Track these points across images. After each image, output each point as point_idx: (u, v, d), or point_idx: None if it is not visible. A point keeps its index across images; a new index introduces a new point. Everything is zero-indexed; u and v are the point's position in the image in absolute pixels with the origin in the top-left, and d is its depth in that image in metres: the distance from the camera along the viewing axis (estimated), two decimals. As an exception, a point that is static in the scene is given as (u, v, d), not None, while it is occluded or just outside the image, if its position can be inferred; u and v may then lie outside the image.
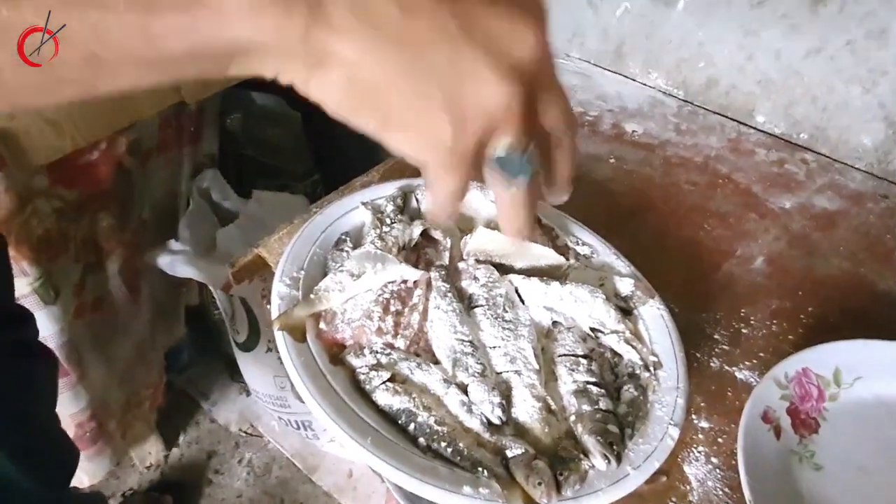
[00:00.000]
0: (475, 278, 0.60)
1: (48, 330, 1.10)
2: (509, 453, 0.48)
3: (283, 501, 1.46)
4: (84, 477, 1.31)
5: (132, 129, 1.18)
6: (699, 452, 0.52)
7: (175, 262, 1.29)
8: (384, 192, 0.69)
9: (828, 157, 0.81)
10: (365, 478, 1.46)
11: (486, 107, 0.29)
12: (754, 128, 0.85)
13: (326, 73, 0.28)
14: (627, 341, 0.56)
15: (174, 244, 1.30)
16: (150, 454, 1.51)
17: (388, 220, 0.65)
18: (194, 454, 1.55)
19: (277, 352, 1.37)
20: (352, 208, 0.67)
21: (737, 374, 0.58)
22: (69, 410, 1.20)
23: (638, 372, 0.55)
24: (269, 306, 0.58)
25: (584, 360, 0.55)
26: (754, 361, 0.59)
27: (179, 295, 1.47)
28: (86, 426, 1.24)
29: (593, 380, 0.53)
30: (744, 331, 0.61)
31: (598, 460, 0.48)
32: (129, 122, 1.16)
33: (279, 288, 0.58)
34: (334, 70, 0.28)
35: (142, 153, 1.22)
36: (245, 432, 1.58)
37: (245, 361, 1.45)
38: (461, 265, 0.62)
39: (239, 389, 1.64)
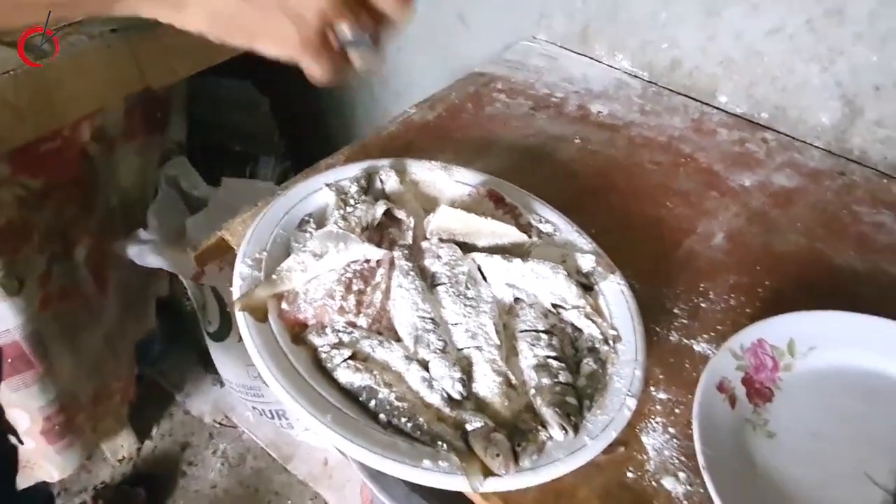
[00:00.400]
0: (438, 257, 0.60)
1: (12, 322, 1.08)
2: (469, 427, 0.48)
3: (258, 491, 1.45)
4: (54, 471, 1.29)
5: (97, 115, 1.16)
6: (657, 423, 0.53)
7: (144, 252, 1.27)
8: (348, 173, 0.69)
9: (787, 135, 0.82)
10: (340, 466, 1.46)
11: (311, 3, 0.39)
12: (717, 108, 0.86)
13: (189, 11, 0.38)
14: (588, 316, 0.57)
15: (142, 233, 1.28)
16: (122, 447, 1.50)
17: (351, 201, 0.65)
18: (167, 446, 1.54)
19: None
20: (315, 189, 0.67)
21: (695, 346, 0.59)
22: (37, 404, 1.18)
23: (598, 346, 0.55)
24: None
25: (544, 335, 0.55)
26: (712, 334, 0.60)
27: (149, 285, 1.45)
28: (54, 419, 1.22)
29: (553, 354, 0.54)
30: (702, 305, 0.62)
31: (555, 431, 0.48)
32: (93, 108, 1.14)
33: (241, 269, 0.58)
34: (193, 8, 0.38)
35: (107, 140, 1.20)
36: (219, 423, 1.57)
37: (217, 351, 1.44)
38: (424, 244, 0.62)
39: (212, 380, 1.63)
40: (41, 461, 1.28)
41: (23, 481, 1.33)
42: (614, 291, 0.60)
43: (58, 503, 1.43)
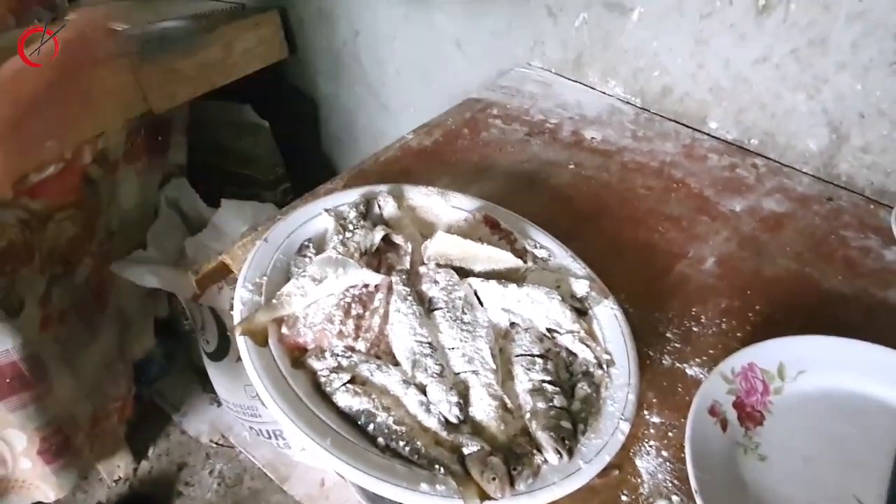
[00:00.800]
0: (435, 282, 0.61)
1: (11, 342, 1.08)
2: (465, 450, 0.49)
3: (256, 512, 1.45)
4: (50, 492, 1.29)
5: (99, 139, 1.17)
6: (650, 446, 0.54)
7: (143, 273, 1.29)
8: (347, 198, 0.70)
9: (777, 161, 0.84)
10: (337, 487, 1.46)
11: None
12: (707, 134, 0.88)
13: None
14: (582, 340, 0.58)
15: (142, 254, 1.29)
16: (118, 467, 1.49)
17: (350, 226, 0.66)
18: (164, 466, 1.53)
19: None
20: (315, 215, 0.68)
21: (687, 370, 0.60)
22: (34, 424, 1.18)
23: (592, 370, 0.57)
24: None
25: (539, 360, 0.57)
26: (704, 358, 0.61)
27: (148, 306, 1.46)
28: (51, 440, 1.22)
29: (548, 378, 0.55)
30: (694, 329, 0.63)
31: (550, 455, 0.49)
32: (96, 132, 1.16)
33: (241, 293, 0.59)
34: None
35: (109, 163, 1.21)
36: (216, 443, 1.57)
37: (215, 371, 1.44)
38: (422, 269, 0.63)
39: (209, 400, 1.63)
40: (37, 481, 1.28)
41: (18, 502, 1.33)
42: (608, 316, 0.61)
43: (53, 525, 1.42)
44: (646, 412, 0.56)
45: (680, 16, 0.83)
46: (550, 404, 0.52)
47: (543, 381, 0.55)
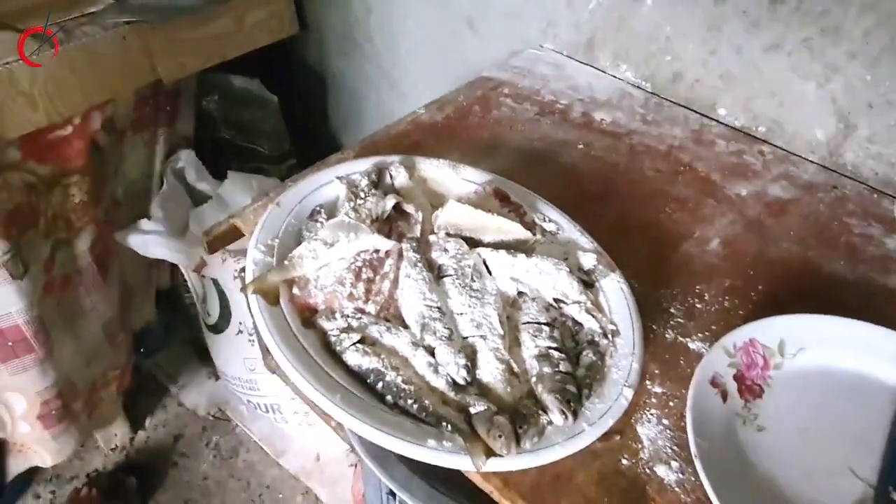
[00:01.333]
0: (445, 250, 0.62)
1: (15, 305, 1.09)
2: (472, 410, 0.50)
3: (250, 484, 1.46)
4: (48, 456, 1.30)
5: (108, 106, 1.17)
6: (652, 415, 0.55)
7: (147, 242, 1.29)
8: (359, 167, 0.71)
9: (783, 149, 0.85)
10: (332, 462, 1.48)
11: None
12: (716, 120, 0.89)
13: None
14: (588, 311, 0.59)
15: (146, 224, 1.30)
16: (115, 436, 1.50)
17: (361, 194, 0.67)
18: (161, 437, 1.54)
19: (248, 333, 1.40)
20: (326, 182, 0.69)
21: (690, 344, 0.61)
22: (36, 387, 1.19)
23: (597, 339, 0.58)
24: (243, 275, 0.60)
25: (546, 328, 0.58)
26: (706, 333, 0.62)
27: (150, 276, 1.47)
28: (52, 404, 1.23)
29: (554, 345, 0.56)
30: (698, 306, 0.65)
31: (555, 416, 0.50)
32: (105, 98, 1.16)
33: (254, 254, 0.60)
34: None
35: (117, 131, 1.22)
36: (213, 416, 1.58)
37: (215, 344, 1.45)
38: (432, 238, 0.64)
39: (208, 373, 1.64)
40: (36, 446, 1.29)
41: (16, 466, 1.34)
42: (614, 289, 0.62)
43: (50, 489, 1.44)
44: (648, 382, 0.58)
45: (693, 2, 0.84)
46: (556, 369, 0.53)
47: (549, 348, 0.56)
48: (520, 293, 0.61)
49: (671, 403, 0.56)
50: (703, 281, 0.67)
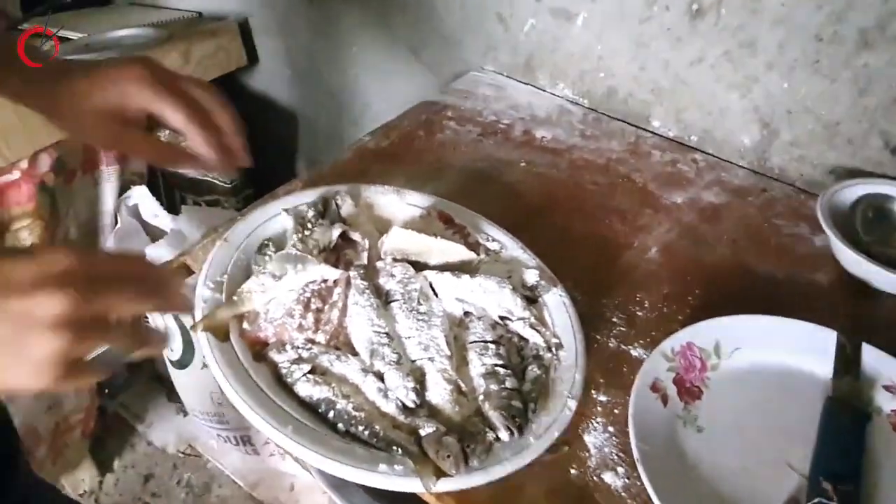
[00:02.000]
0: (392, 275, 0.64)
1: (-31, 355, 1.07)
2: (422, 432, 0.52)
3: (224, 519, 1.45)
4: (11, 507, 1.26)
5: (56, 147, 1.17)
6: (597, 423, 0.57)
7: (103, 282, 1.28)
8: (306, 198, 0.72)
9: (715, 156, 0.89)
10: (306, 490, 1.47)
11: (44, 356, 0.37)
12: (651, 132, 0.93)
13: None
14: (532, 326, 0.61)
15: (102, 263, 1.29)
16: (83, 481, 1.47)
17: (308, 225, 0.68)
18: (130, 479, 1.52)
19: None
20: (274, 215, 0.70)
21: (632, 352, 0.64)
22: (-7, 437, 1.16)
23: (542, 354, 0.60)
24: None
25: (492, 345, 0.60)
26: (647, 340, 0.64)
27: (110, 315, 1.45)
28: (12, 453, 1.20)
29: (501, 362, 0.58)
30: (639, 314, 0.67)
31: (502, 432, 0.52)
32: (52, 140, 1.15)
33: (202, 291, 0.61)
34: None
35: (66, 171, 1.21)
36: (183, 453, 1.56)
37: (180, 379, 1.43)
38: (379, 264, 0.66)
39: (175, 410, 1.62)
40: (-2, 498, 1.26)
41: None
42: (557, 303, 0.64)
43: (15, 541, 1.40)
44: (594, 392, 0.60)
45: (621, 20, 0.88)
46: (502, 386, 0.55)
47: (496, 365, 0.57)
48: (466, 313, 0.63)
49: (616, 411, 0.58)
50: (643, 289, 0.70)
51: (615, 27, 0.89)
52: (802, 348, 0.62)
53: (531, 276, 0.66)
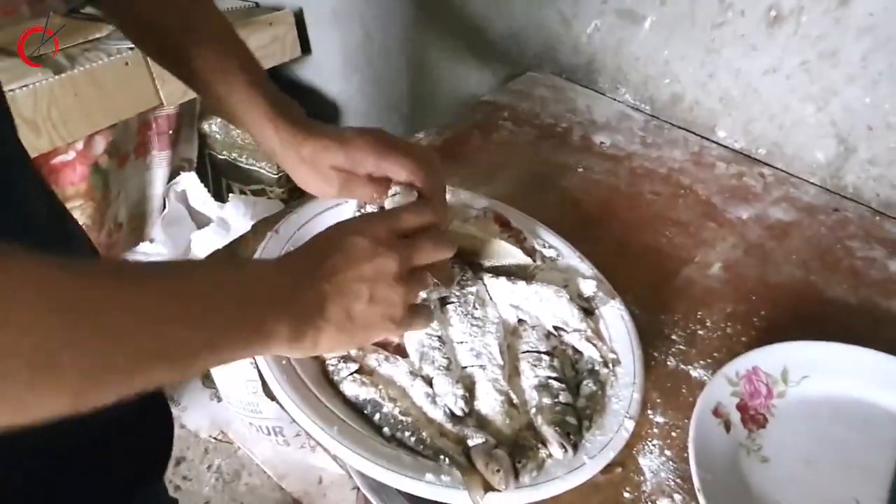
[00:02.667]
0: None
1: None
2: (471, 442, 0.50)
3: (252, 508, 1.45)
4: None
5: (111, 130, 1.18)
6: (654, 445, 0.54)
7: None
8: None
9: (784, 171, 0.84)
10: (335, 485, 1.46)
11: (397, 305, 0.48)
12: (716, 142, 0.89)
13: (316, 349, 0.46)
14: (588, 339, 0.58)
15: (148, 246, 1.30)
16: (117, 459, 1.49)
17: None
18: (163, 460, 1.53)
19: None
20: (327, 207, 0.69)
21: (692, 372, 0.60)
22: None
23: (597, 368, 0.57)
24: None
25: (546, 357, 0.57)
26: (708, 361, 0.61)
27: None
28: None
29: (554, 375, 0.55)
30: (699, 332, 0.64)
31: (555, 449, 0.50)
32: (108, 123, 1.17)
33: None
34: (319, 348, 0.46)
35: (119, 154, 1.23)
36: (215, 438, 1.57)
37: (217, 366, 1.44)
38: None
39: (210, 395, 1.63)
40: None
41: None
42: (615, 316, 0.62)
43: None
44: (650, 412, 0.57)
45: (691, 25, 0.84)
46: (556, 400, 0.53)
47: (549, 378, 0.55)
48: (520, 321, 0.61)
49: (673, 434, 0.55)
50: (704, 306, 0.66)
51: (685, 31, 0.85)
52: (877, 381, 0.58)
53: (588, 287, 0.63)
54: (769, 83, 0.81)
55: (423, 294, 0.54)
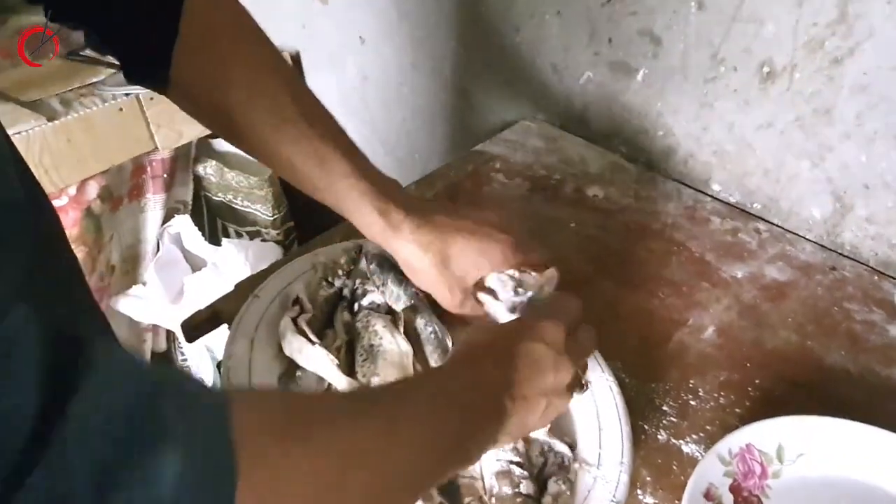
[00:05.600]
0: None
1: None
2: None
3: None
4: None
5: (104, 175, 1.18)
6: (642, 529, 0.52)
7: (141, 308, 1.28)
8: (335, 255, 0.69)
9: (780, 226, 0.83)
10: None
11: (556, 414, 0.48)
12: (710, 196, 0.88)
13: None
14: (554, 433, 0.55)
15: (142, 290, 1.29)
16: None
17: (339, 272, 0.66)
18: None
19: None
20: (305, 271, 0.68)
21: (683, 447, 0.58)
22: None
23: (567, 464, 0.54)
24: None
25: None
26: (701, 434, 0.59)
27: (144, 341, 1.45)
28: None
29: (517, 459, 0.52)
30: (692, 402, 0.62)
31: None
32: (101, 168, 1.17)
33: (235, 348, 0.58)
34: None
35: (112, 199, 1.22)
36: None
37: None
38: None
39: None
40: None
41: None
42: (603, 388, 0.59)
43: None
44: (639, 492, 0.54)
45: (684, 79, 0.84)
46: (516, 490, 0.50)
47: (511, 462, 0.52)
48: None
49: (663, 517, 0.53)
50: (697, 374, 0.64)
51: (677, 85, 0.84)
52: (878, 461, 0.55)
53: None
54: (763, 138, 0.80)
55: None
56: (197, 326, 0.69)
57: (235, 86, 0.52)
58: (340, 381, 0.57)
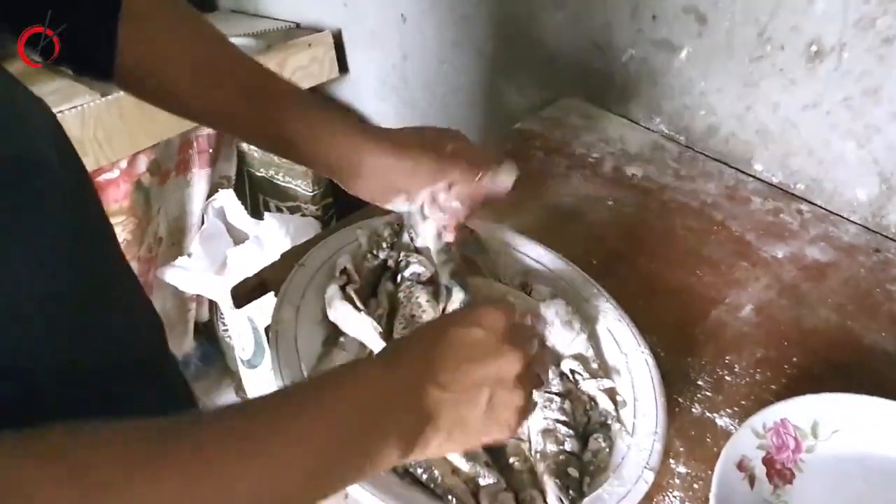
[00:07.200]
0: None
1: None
2: (481, 481, 0.50)
3: (279, 520, 1.47)
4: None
5: (153, 149, 1.22)
6: (674, 497, 0.53)
7: (186, 279, 1.33)
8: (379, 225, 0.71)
9: (823, 208, 0.82)
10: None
11: (514, 410, 0.42)
12: (752, 176, 0.87)
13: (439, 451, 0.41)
14: (604, 389, 0.57)
15: (187, 261, 1.34)
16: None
17: (384, 245, 0.68)
18: (195, 468, 1.56)
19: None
20: (352, 240, 0.70)
21: (717, 420, 0.59)
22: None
23: (609, 422, 0.56)
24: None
25: (557, 398, 0.56)
26: (735, 409, 0.60)
27: (189, 310, 1.50)
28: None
29: (563, 419, 0.54)
30: (727, 378, 0.62)
31: (552, 501, 0.49)
32: (151, 142, 1.20)
33: (283, 314, 0.61)
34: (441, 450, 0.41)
35: (161, 173, 1.26)
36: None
37: (250, 378, 1.47)
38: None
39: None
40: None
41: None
42: (639, 361, 0.60)
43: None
44: (672, 461, 0.56)
45: (729, 58, 0.83)
46: (561, 447, 0.52)
47: (557, 421, 0.54)
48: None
49: (696, 486, 0.54)
50: (733, 351, 0.65)
51: (722, 63, 0.84)
52: (914, 439, 0.55)
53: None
54: (809, 118, 0.79)
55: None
56: (245, 294, 0.72)
57: (174, 63, 0.52)
58: (380, 348, 0.59)
